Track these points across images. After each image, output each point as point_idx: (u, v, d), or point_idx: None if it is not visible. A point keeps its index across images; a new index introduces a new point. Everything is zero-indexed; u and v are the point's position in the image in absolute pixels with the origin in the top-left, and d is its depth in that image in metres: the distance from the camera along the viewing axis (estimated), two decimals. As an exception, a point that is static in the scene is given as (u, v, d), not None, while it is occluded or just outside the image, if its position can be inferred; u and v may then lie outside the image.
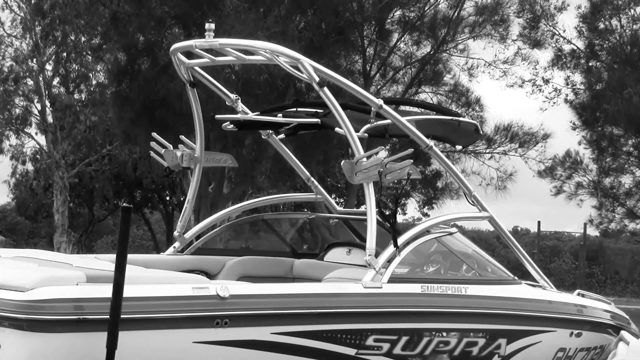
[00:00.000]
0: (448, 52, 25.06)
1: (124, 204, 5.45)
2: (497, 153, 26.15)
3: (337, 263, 8.43)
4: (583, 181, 27.95)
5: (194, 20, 19.73)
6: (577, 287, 18.87)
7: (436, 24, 23.92)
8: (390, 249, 6.95)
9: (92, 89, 32.36)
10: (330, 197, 9.78)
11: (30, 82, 32.31)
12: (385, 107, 7.05)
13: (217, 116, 8.37)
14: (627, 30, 26.28)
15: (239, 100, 7.99)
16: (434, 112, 8.57)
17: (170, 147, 8.15)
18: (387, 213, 7.02)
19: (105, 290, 5.31)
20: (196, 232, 8.68)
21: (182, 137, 8.22)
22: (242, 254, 8.71)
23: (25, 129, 33.34)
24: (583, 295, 9.24)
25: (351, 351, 6.54)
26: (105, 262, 6.46)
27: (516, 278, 8.23)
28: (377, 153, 6.72)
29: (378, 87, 24.68)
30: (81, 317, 5.34)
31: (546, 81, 27.65)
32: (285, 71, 6.89)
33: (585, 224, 28.91)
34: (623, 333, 4.62)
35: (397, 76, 25.23)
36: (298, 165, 9.16)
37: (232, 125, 8.37)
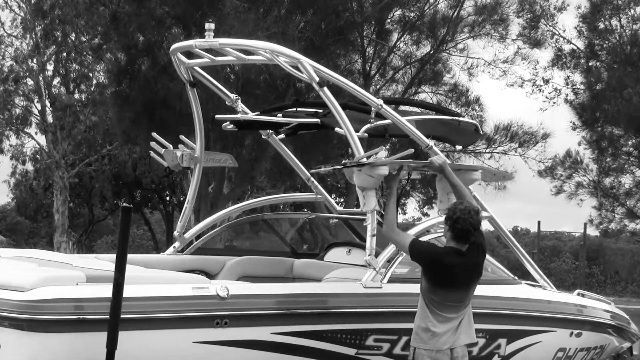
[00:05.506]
0: (448, 51, 25.01)
1: (124, 204, 5.45)
2: (497, 153, 26.10)
3: (337, 263, 8.43)
4: (583, 181, 27.94)
5: (194, 20, 19.69)
6: (577, 287, 18.89)
7: (436, 24, 23.87)
8: (390, 248, 6.95)
9: (92, 89, 32.35)
10: (330, 197, 9.78)
11: (30, 82, 32.32)
12: (385, 107, 7.05)
13: (217, 116, 8.37)
14: (627, 30, 26.25)
15: (239, 100, 7.99)
16: (434, 112, 8.56)
17: (170, 147, 8.16)
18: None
19: (105, 290, 5.31)
20: (196, 232, 8.69)
21: (182, 137, 8.22)
22: (242, 254, 8.71)
23: (25, 129, 33.36)
24: (583, 295, 9.25)
25: (351, 351, 6.54)
26: (105, 262, 6.46)
27: (516, 278, 8.23)
28: (377, 153, 6.73)
29: (378, 87, 24.64)
30: (81, 317, 5.34)
31: (546, 81, 27.61)
32: (285, 71, 6.88)
33: (585, 224, 28.93)
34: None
35: (396, 76, 25.19)
36: (298, 165, 9.15)
37: (232, 125, 8.36)
